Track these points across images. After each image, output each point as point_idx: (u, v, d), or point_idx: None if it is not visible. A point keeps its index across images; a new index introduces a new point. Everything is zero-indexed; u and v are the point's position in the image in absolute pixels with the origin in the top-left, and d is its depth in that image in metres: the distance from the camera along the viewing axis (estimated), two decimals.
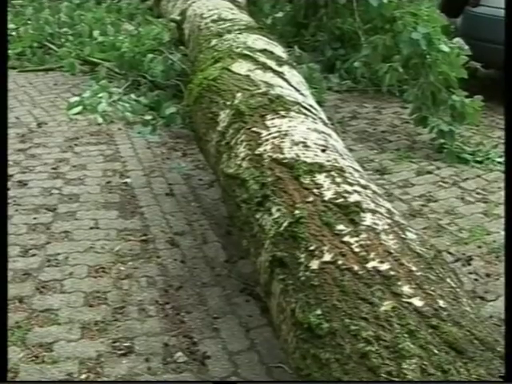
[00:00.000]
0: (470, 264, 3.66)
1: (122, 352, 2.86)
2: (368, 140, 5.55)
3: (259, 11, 7.31)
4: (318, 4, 7.44)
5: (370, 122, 6.00)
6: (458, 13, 7.04)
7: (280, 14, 7.55)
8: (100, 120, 5.69)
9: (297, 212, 2.24)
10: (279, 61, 3.66)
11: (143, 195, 4.37)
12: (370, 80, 6.66)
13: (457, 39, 5.68)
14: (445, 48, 5.30)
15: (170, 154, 5.11)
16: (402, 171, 4.95)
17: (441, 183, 4.76)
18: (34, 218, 4.03)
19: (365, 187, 2.38)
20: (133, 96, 6.05)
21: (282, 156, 2.56)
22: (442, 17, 5.75)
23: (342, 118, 6.02)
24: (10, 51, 7.84)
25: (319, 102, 5.65)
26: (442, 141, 5.30)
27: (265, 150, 2.65)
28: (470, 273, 3.57)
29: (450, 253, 3.73)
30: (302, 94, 3.31)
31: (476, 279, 3.52)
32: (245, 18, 5.01)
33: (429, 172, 4.95)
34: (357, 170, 2.57)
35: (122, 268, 3.51)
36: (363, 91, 6.76)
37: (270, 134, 2.75)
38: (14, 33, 8.33)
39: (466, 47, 5.57)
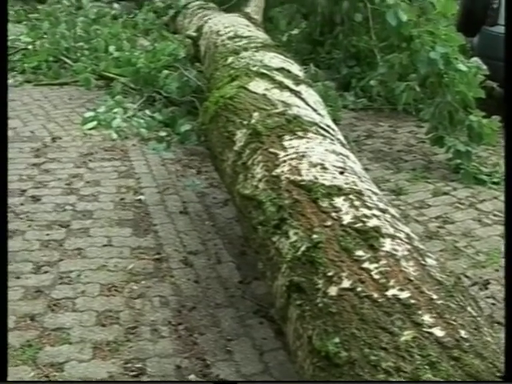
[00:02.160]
0: (487, 288, 3.61)
1: (134, 373, 2.82)
2: (384, 159, 5.51)
3: (275, 28, 7.30)
4: (333, 21, 7.43)
5: (385, 141, 5.96)
6: (475, 32, 7.01)
7: (296, 31, 7.54)
8: (114, 136, 5.68)
9: (315, 236, 2.20)
10: (296, 80, 3.63)
11: (157, 213, 4.34)
12: (386, 98, 6.63)
13: (474, 59, 5.64)
14: (462, 67, 5.28)
15: (185, 171, 5.08)
16: (418, 192, 4.90)
17: (457, 204, 4.71)
18: (47, 235, 4.01)
19: (383, 211, 2.34)
20: (147, 112, 6.04)
21: (299, 178, 2.52)
22: (459, 36, 5.72)
23: (357, 136, 5.99)
24: (25, 65, 7.92)
25: (335, 121, 5.62)
26: (459, 161, 5.25)
27: (282, 172, 2.61)
28: (488, 297, 3.52)
29: (467, 276, 3.68)
30: (319, 114, 3.28)
31: (493, 303, 3.46)
32: (261, 35, 4.99)
33: (445, 193, 4.90)
34: (375, 193, 2.53)
35: (135, 287, 3.47)
36: (378, 109, 6.73)
37: (287, 155, 2.71)
38: (30, 47, 8.37)
39: (484, 67, 5.54)
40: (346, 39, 7.31)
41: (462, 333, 1.72)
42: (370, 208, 2.32)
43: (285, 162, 2.67)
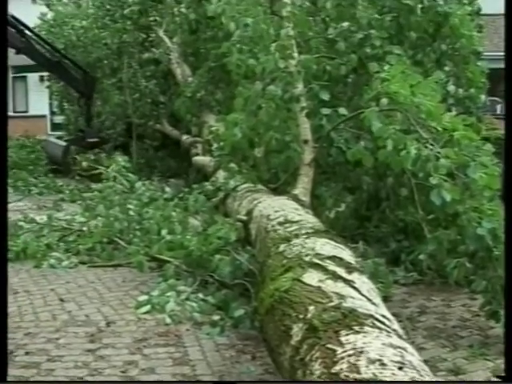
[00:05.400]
0: None
1: None
2: (439, 337, 5.43)
3: (322, 205, 7.46)
4: (379, 196, 7.61)
5: (439, 317, 5.91)
6: None
7: (342, 207, 7.70)
8: (168, 320, 5.72)
9: None
10: (348, 268, 3.69)
11: None
12: (436, 271, 6.64)
13: None
14: None
15: (239, 356, 5.05)
16: (478, 370, 4.79)
17: None
18: None
19: None
20: (200, 295, 6.10)
21: (358, 376, 2.52)
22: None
23: (410, 313, 5.95)
24: (80, 246, 8.13)
25: (386, 297, 5.67)
26: None
27: (341, 369, 2.62)
28: None
29: None
30: (373, 304, 3.31)
31: None
32: (311, 219, 5.12)
33: None
34: None
35: None
36: (430, 283, 6.72)
37: (345, 351, 2.72)
38: (84, 228, 8.66)
39: None
40: (392, 213, 7.45)
41: None
42: None
43: (343, 358, 2.68)
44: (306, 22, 8.21)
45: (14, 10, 13.98)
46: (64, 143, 16.81)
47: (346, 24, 7.87)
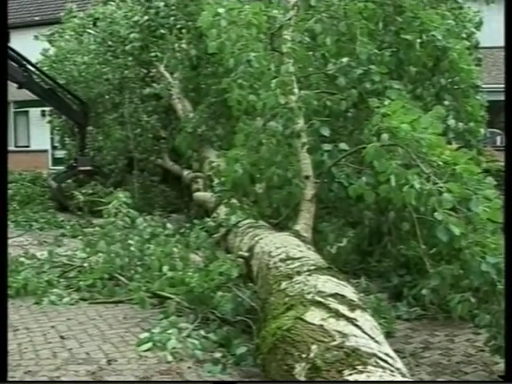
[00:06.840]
0: None
1: None
2: (443, 373, 5.37)
3: (324, 240, 7.44)
4: (381, 231, 7.58)
5: (443, 353, 5.84)
6: None
7: (344, 243, 7.68)
8: (170, 358, 5.66)
9: None
10: (351, 305, 3.67)
11: None
12: (439, 305, 6.59)
13: None
14: None
15: None
16: None
17: None
18: None
19: None
20: (202, 332, 6.04)
21: None
22: None
23: (413, 349, 5.88)
24: (81, 283, 8.08)
25: (389, 333, 5.62)
26: None
27: None
28: None
29: None
30: (376, 342, 3.28)
31: None
32: (312, 255, 5.11)
33: None
34: None
35: None
36: (433, 318, 6.67)
37: None
38: (85, 264, 8.62)
39: None
40: (394, 248, 7.42)
41: None
42: None
43: None
44: (306, 58, 8.29)
45: (16, 45, 14.13)
46: (55, 184, 16.83)
47: (345, 59, 7.93)
